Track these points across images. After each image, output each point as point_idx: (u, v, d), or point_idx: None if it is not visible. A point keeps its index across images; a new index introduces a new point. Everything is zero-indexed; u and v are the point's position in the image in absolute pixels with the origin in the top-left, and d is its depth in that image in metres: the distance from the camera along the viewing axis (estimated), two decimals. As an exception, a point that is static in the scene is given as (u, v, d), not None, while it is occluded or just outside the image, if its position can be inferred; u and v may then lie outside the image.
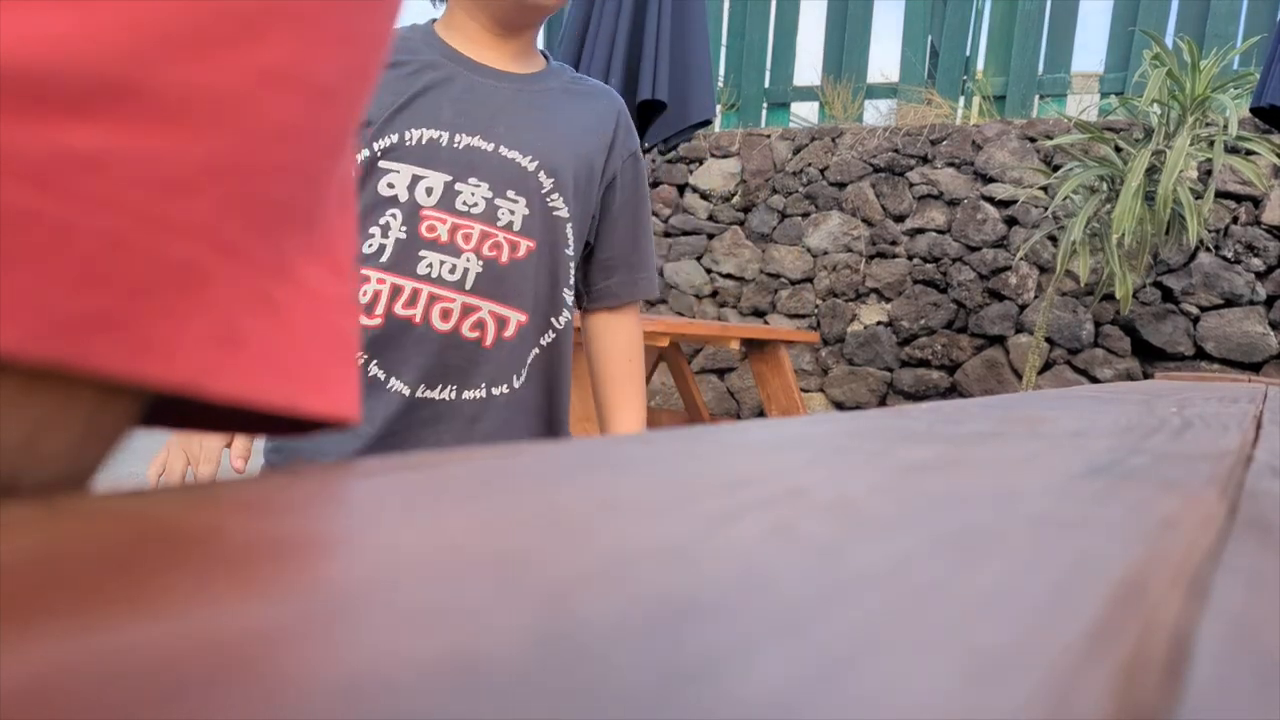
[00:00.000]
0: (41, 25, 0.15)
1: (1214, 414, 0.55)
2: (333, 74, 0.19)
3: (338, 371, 0.22)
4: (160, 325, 0.17)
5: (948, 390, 4.13)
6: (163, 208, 0.17)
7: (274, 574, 0.12)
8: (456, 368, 1.02)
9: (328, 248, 0.22)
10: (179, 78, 0.16)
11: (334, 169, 0.21)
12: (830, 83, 5.05)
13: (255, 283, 0.19)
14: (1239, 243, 3.71)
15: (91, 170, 0.16)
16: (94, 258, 0.16)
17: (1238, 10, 4.34)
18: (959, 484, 0.21)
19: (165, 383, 0.18)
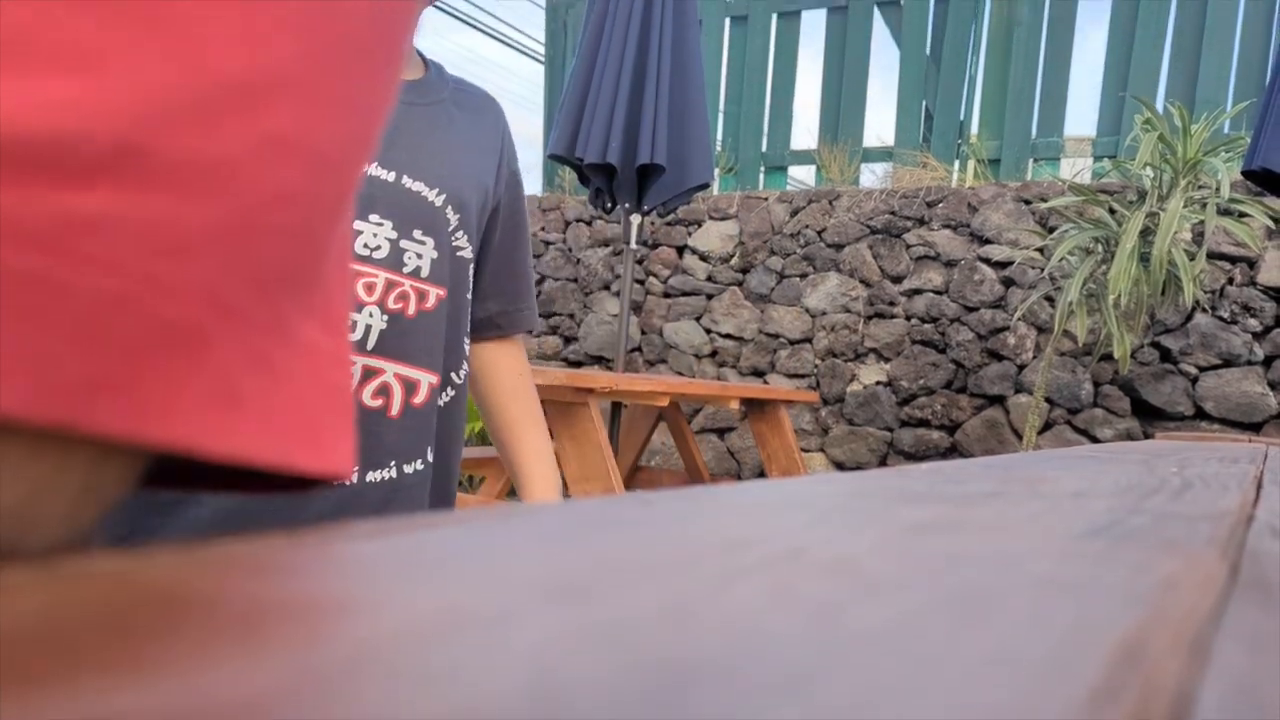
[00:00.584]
0: (47, 94, 0.15)
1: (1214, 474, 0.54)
2: (333, 141, 0.20)
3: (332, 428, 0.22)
4: (160, 386, 0.18)
5: (948, 450, 4.12)
6: (164, 270, 0.17)
7: (274, 637, 0.12)
8: (358, 444, 0.86)
9: (324, 305, 0.22)
10: (181, 145, 0.17)
11: (332, 231, 0.22)
12: (827, 146, 5.12)
13: (253, 343, 0.19)
14: (1235, 303, 3.73)
15: (94, 233, 0.16)
16: (96, 319, 0.16)
17: (1226, 76, 4.42)
18: (960, 544, 0.21)
19: (164, 443, 0.18)
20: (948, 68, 4.98)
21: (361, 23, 0.20)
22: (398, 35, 0.22)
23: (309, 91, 0.19)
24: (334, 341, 0.23)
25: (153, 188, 0.17)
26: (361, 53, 0.20)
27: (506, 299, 1.07)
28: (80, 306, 0.16)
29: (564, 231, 5.11)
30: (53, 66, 0.15)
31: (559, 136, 3.53)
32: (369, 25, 0.20)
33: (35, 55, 0.15)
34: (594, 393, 2.45)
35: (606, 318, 4.89)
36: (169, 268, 0.17)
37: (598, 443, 2.42)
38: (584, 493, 2.42)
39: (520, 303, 1.10)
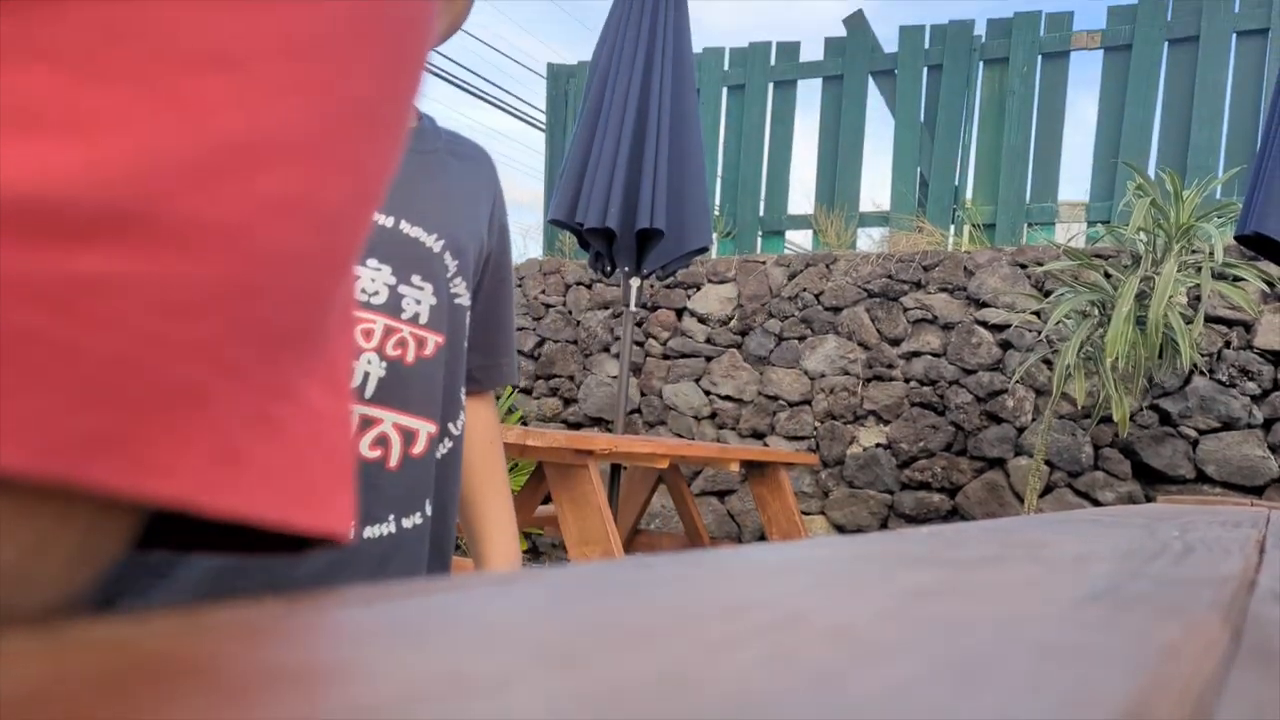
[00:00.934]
0: (51, 155, 0.16)
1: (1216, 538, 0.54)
2: (336, 202, 0.20)
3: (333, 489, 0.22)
4: (161, 444, 0.18)
5: (949, 513, 4.09)
6: (167, 330, 0.17)
7: (271, 704, 0.12)
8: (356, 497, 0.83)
9: (327, 367, 0.23)
10: (185, 206, 0.17)
11: (335, 291, 0.22)
12: (823, 211, 5.18)
13: (255, 402, 0.20)
14: (1233, 366, 3.74)
15: (99, 294, 0.16)
16: (99, 378, 0.17)
17: (1217, 143, 4.49)
18: (960, 610, 0.21)
19: (164, 499, 0.18)
20: (942, 135, 5.06)
21: (366, 85, 0.20)
22: (402, 97, 0.22)
23: (312, 153, 0.19)
24: (336, 403, 0.23)
25: (156, 249, 0.17)
26: (366, 114, 0.21)
27: (486, 353, 1.05)
28: (83, 366, 0.16)
29: (564, 294, 5.14)
30: (58, 130, 0.16)
31: (560, 202, 3.57)
32: (374, 87, 0.21)
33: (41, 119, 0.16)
34: (593, 455, 2.44)
35: (606, 379, 4.89)
36: (172, 327, 0.17)
37: (597, 505, 2.41)
38: (583, 556, 2.40)
39: (500, 357, 1.08)
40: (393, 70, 0.21)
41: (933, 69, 5.08)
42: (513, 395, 5.05)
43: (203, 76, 0.17)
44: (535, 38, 62.46)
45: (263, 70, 0.18)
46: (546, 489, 2.57)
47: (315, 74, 0.19)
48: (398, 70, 0.22)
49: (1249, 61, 4.50)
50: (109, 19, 0.16)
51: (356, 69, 0.20)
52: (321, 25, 0.19)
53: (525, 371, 5.12)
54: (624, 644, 0.16)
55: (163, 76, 0.17)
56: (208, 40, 0.17)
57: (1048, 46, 4.81)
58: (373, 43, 0.20)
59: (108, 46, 0.16)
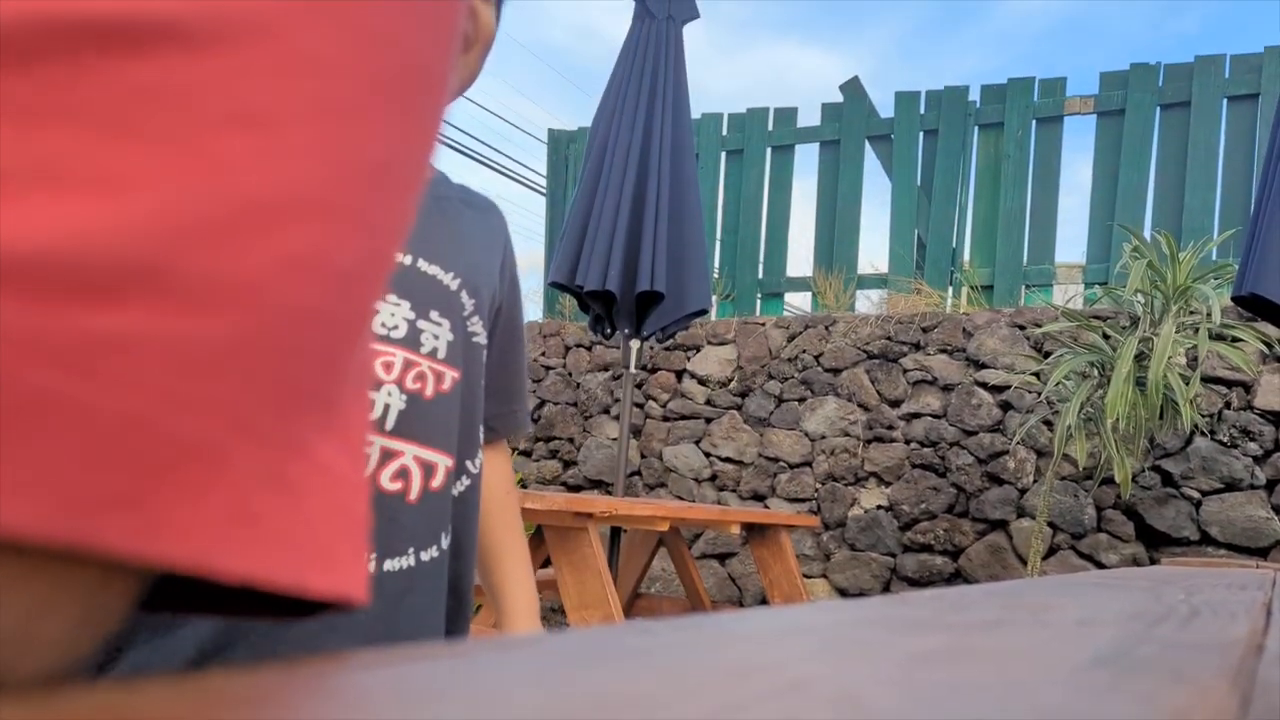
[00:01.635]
0: (73, 212, 0.16)
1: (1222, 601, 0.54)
2: (353, 261, 0.20)
3: (347, 551, 0.22)
4: (175, 504, 0.17)
5: (952, 576, 4.05)
6: (185, 388, 0.17)
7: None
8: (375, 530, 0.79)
9: (343, 428, 0.22)
10: (204, 265, 0.17)
11: (352, 351, 0.22)
12: (822, 273, 5.22)
13: (271, 461, 0.19)
14: (1234, 427, 3.74)
15: (115, 352, 0.16)
16: (113, 438, 0.16)
17: (1211, 205, 4.54)
18: (964, 675, 0.21)
19: (175, 562, 0.18)
20: (939, 198, 5.11)
21: (384, 145, 0.20)
22: (419, 157, 0.22)
23: (330, 211, 0.19)
24: (351, 466, 0.23)
25: (175, 307, 0.17)
26: (383, 174, 0.21)
27: (501, 400, 1.06)
28: (98, 425, 0.16)
29: (564, 356, 5.15)
30: (80, 187, 0.16)
31: (559, 265, 3.60)
32: (392, 147, 0.21)
33: (63, 176, 0.16)
34: (593, 517, 2.43)
35: (606, 441, 4.88)
36: (189, 386, 0.17)
37: (597, 569, 2.38)
38: (583, 620, 2.37)
39: (515, 404, 1.09)
40: (410, 130, 0.22)
41: (929, 134, 5.16)
42: (512, 457, 5.03)
43: (225, 135, 0.17)
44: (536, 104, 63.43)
45: (284, 129, 0.18)
46: (546, 552, 2.55)
47: (335, 133, 0.19)
48: (415, 130, 0.22)
49: (1240, 126, 4.57)
50: (132, 79, 0.16)
51: (375, 128, 0.20)
52: (343, 85, 0.19)
53: (525, 434, 5.11)
54: (625, 711, 0.15)
55: (184, 135, 0.17)
56: (231, 100, 0.17)
57: (1042, 111, 4.89)
58: (392, 103, 0.21)
59: (130, 106, 0.16)
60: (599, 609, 2.34)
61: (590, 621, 2.33)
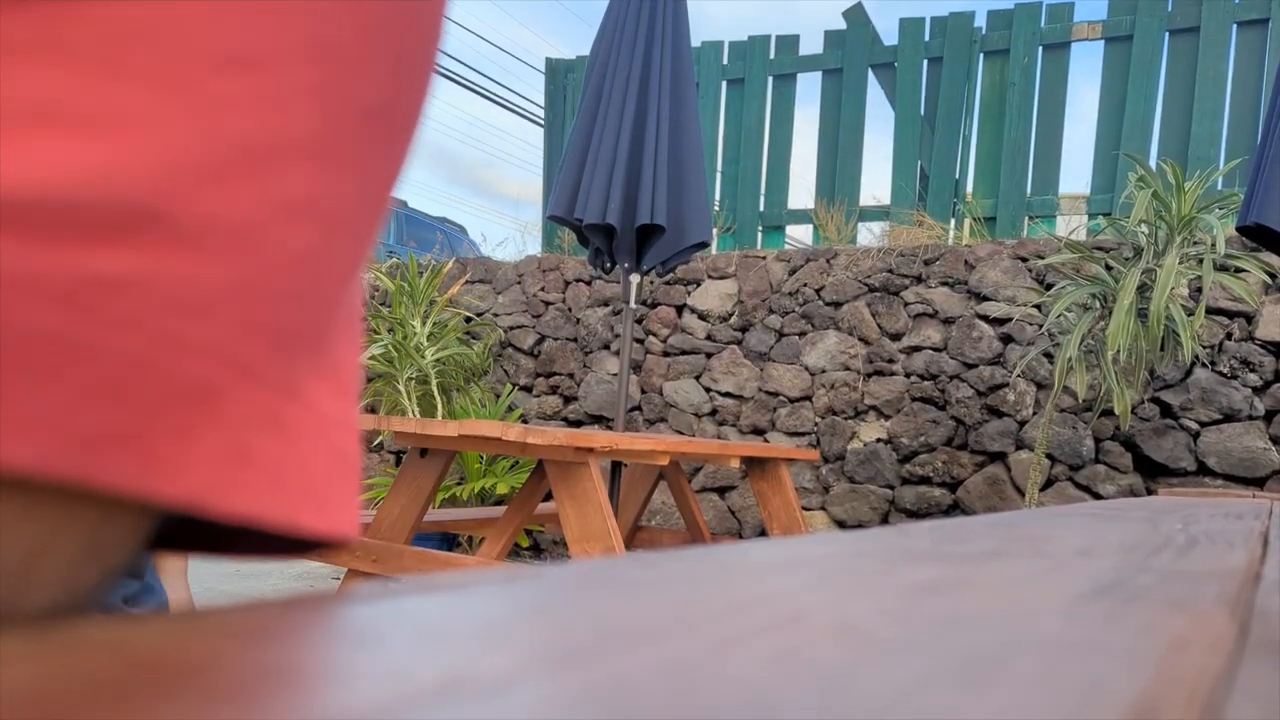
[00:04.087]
0: (69, 154, 0.16)
1: (1220, 530, 0.54)
2: (347, 205, 0.20)
3: (339, 490, 0.22)
4: (171, 442, 0.18)
5: (950, 508, 4.09)
6: (182, 329, 0.17)
7: (269, 704, 0.11)
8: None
9: (334, 368, 0.23)
10: (201, 207, 0.17)
11: (344, 293, 0.22)
12: (824, 206, 5.18)
13: (266, 402, 0.20)
14: (1234, 358, 3.74)
15: (115, 293, 0.16)
16: (113, 377, 0.17)
17: (1218, 134, 4.49)
18: (964, 605, 0.21)
19: (173, 499, 0.18)
20: (942, 128, 5.05)
21: (378, 89, 0.20)
22: (414, 102, 0.22)
23: (324, 155, 0.19)
24: (343, 406, 0.23)
25: (173, 247, 0.17)
26: (377, 119, 0.21)
27: None
28: (98, 365, 0.16)
29: (563, 291, 5.14)
30: (76, 129, 0.16)
31: (558, 198, 3.57)
32: (385, 91, 0.21)
33: (59, 117, 0.16)
34: (594, 452, 2.44)
35: (606, 377, 4.89)
36: (187, 327, 0.17)
37: (598, 502, 2.41)
38: (584, 553, 2.40)
39: None
40: (404, 74, 0.21)
41: (933, 62, 5.08)
42: (512, 393, 5.05)
43: (220, 77, 0.17)
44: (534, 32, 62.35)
45: (278, 72, 0.18)
46: (547, 486, 2.57)
47: (329, 77, 0.19)
48: (409, 74, 0.22)
49: (1249, 52, 4.50)
50: (128, 19, 0.16)
51: (369, 72, 0.20)
52: (336, 28, 0.19)
53: (525, 369, 5.12)
54: (626, 642, 0.15)
55: (181, 76, 0.17)
56: (226, 41, 0.17)
57: (1049, 38, 4.80)
58: (385, 46, 0.20)
59: (127, 46, 0.16)
60: (600, 542, 2.37)
61: (591, 554, 2.36)
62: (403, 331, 4.73)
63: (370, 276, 5.37)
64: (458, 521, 3.23)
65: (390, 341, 4.61)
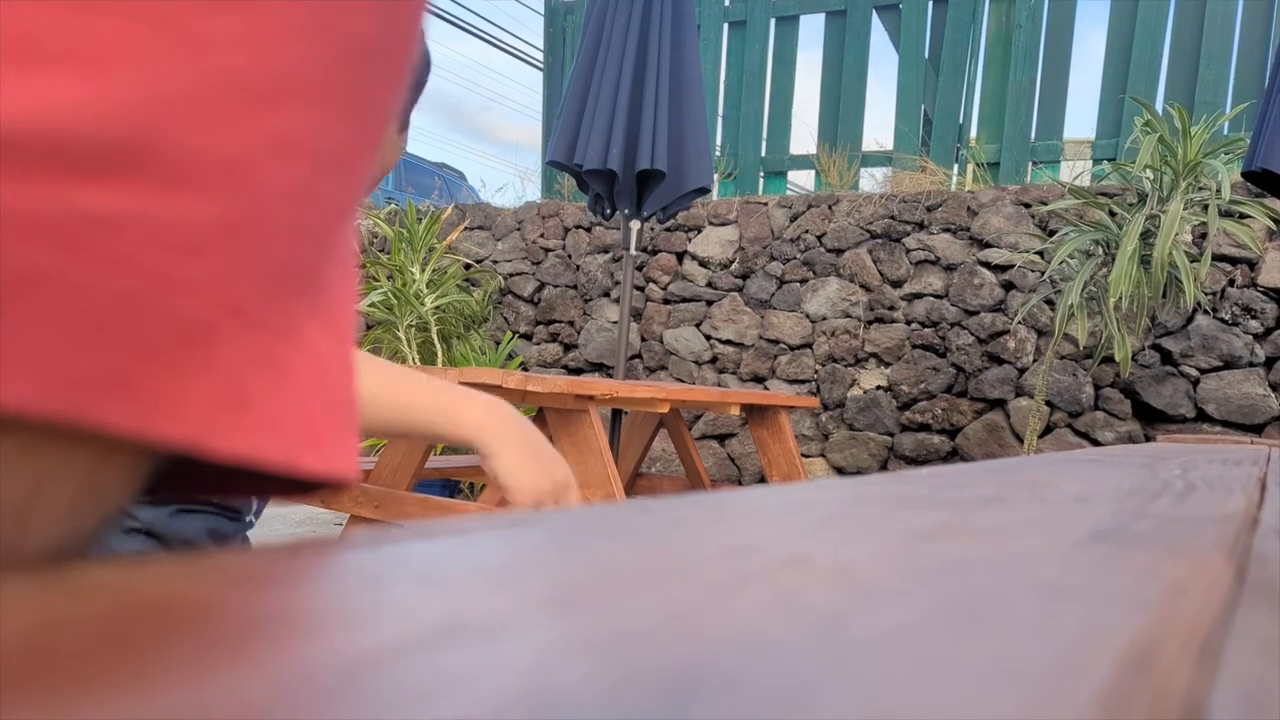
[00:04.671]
0: (59, 91, 0.15)
1: (1218, 476, 0.54)
2: (339, 143, 0.20)
3: (337, 431, 0.22)
4: (167, 383, 0.18)
5: (949, 454, 4.12)
6: (175, 268, 0.17)
7: (272, 648, 0.12)
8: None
9: (329, 309, 0.23)
10: (192, 144, 0.17)
11: (338, 233, 0.22)
12: (826, 151, 5.13)
13: (261, 342, 0.20)
14: (1236, 305, 3.73)
15: (107, 232, 0.16)
16: (107, 317, 0.17)
17: (1225, 78, 4.43)
18: (962, 551, 0.21)
19: (169, 440, 0.18)
20: (946, 72, 4.99)
21: (369, 26, 0.20)
22: (405, 39, 0.22)
23: (316, 92, 0.19)
24: (339, 346, 0.23)
25: (164, 185, 0.17)
26: (368, 56, 0.20)
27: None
28: (90, 304, 0.16)
29: (563, 238, 5.12)
30: (62, 64, 0.16)
31: (558, 143, 3.54)
32: (377, 28, 0.20)
33: (44, 53, 0.15)
34: (594, 400, 2.45)
35: (606, 325, 4.89)
36: (180, 266, 0.17)
37: (598, 449, 2.42)
38: (585, 499, 2.42)
39: None
40: (394, 12, 0.21)
41: (938, 3, 5.00)
42: (512, 341, 5.05)
43: (207, 13, 0.17)
44: (532, -25, 61.30)
45: (267, 9, 0.18)
46: (548, 434, 2.59)
47: (318, 14, 0.19)
48: (399, 12, 0.21)
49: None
50: None
51: (359, 10, 0.20)
52: None
53: (525, 317, 5.11)
54: (626, 587, 0.16)
55: (166, 12, 0.17)
56: None
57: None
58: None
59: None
60: (601, 488, 2.39)
61: (592, 501, 2.38)
62: (402, 279, 4.72)
63: (368, 223, 5.34)
64: (459, 469, 3.25)
65: (390, 289, 4.60)
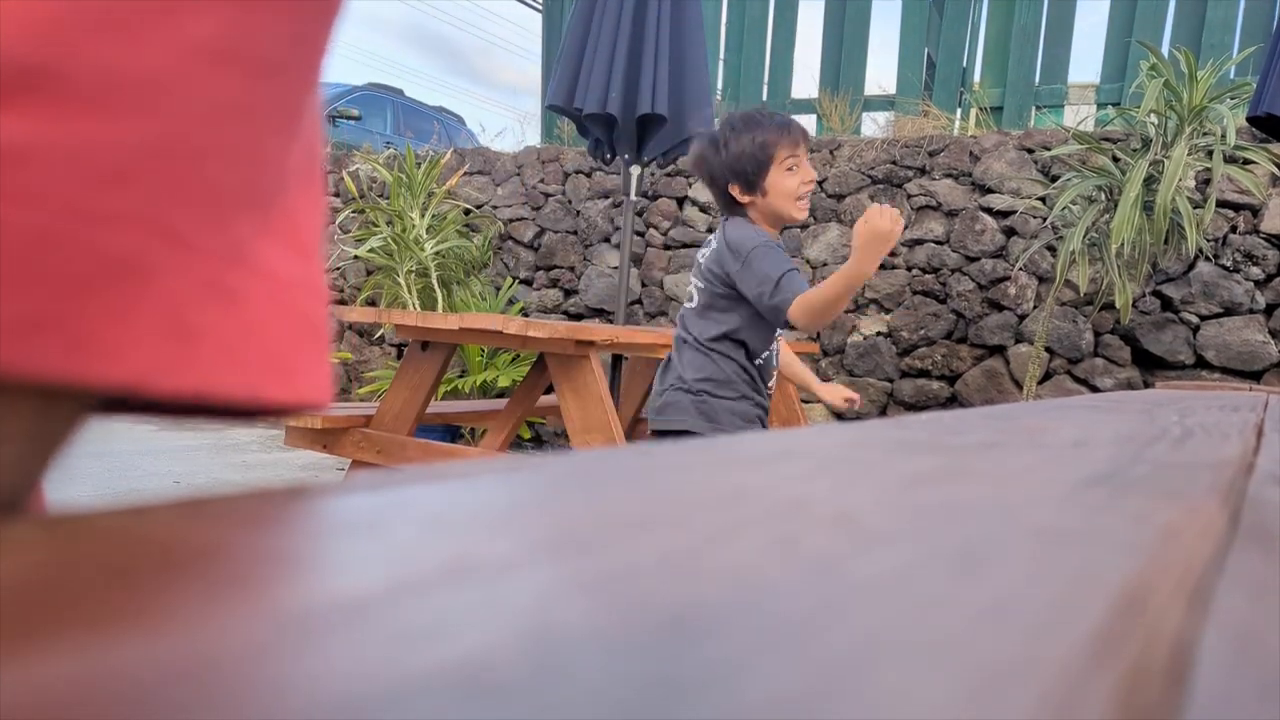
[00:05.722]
0: None
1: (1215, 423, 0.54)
2: (275, 45, 0.18)
3: (303, 356, 0.21)
4: (102, 323, 0.17)
5: (948, 400, 4.13)
6: (95, 199, 0.16)
7: (275, 589, 0.12)
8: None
9: (290, 227, 0.21)
10: (101, 60, 0.16)
11: (289, 144, 0.20)
12: (828, 95, 5.07)
13: (206, 271, 0.18)
14: (1238, 251, 3.72)
15: (13, 164, 0.15)
16: (24, 257, 0.15)
17: (1233, 21, 4.36)
18: (960, 495, 0.21)
19: (111, 382, 0.17)
20: (950, 14, 4.91)
21: None
22: None
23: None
24: (302, 265, 0.21)
25: (74, 109, 0.15)
26: None
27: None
28: (6, 243, 0.15)
29: (563, 183, 5.08)
30: None
31: (558, 87, 3.49)
32: None
33: None
34: (595, 345, 2.45)
35: (607, 270, 4.87)
36: (101, 196, 0.16)
37: (599, 395, 2.43)
38: (585, 444, 2.43)
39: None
40: None
41: (943, -56, 4.91)
42: (513, 286, 5.04)
43: None
44: (530, -87, 60.02)
45: None
46: (548, 379, 2.59)
47: None
48: None
49: (1271, -66, 4.34)
50: None
51: None
52: None
53: (525, 262, 5.09)
54: (625, 530, 0.16)
55: None
56: None
57: (1063, -81, 4.63)
58: None
59: None
60: (601, 433, 2.40)
61: (592, 445, 2.39)
62: (401, 224, 4.69)
63: (367, 167, 5.30)
64: (460, 414, 3.26)
65: (389, 234, 4.57)
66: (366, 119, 8.66)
